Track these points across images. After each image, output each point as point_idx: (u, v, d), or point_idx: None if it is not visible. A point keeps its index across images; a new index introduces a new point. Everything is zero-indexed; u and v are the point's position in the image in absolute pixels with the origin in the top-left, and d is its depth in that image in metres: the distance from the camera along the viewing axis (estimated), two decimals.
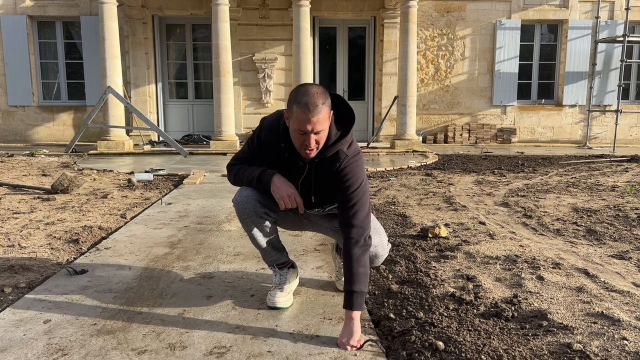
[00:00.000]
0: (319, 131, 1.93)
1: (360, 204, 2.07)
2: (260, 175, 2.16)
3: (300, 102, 1.89)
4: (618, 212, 4.34)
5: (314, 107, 1.87)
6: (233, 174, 2.28)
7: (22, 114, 11.28)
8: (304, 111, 1.88)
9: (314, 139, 1.94)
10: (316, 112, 1.88)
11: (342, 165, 2.06)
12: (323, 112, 1.90)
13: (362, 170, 2.11)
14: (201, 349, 1.93)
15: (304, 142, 1.95)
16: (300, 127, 1.91)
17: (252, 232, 2.28)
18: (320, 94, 1.91)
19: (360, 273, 2.01)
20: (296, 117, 1.91)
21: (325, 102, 1.91)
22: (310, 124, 1.89)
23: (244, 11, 10.97)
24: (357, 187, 2.07)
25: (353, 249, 2.02)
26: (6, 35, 10.93)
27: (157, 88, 11.28)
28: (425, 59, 11.32)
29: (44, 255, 3.12)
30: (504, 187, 5.76)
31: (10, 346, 1.94)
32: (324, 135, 1.98)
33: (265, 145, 2.16)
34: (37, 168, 7.28)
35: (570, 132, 11.74)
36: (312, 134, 1.92)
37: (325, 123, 1.93)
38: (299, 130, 1.92)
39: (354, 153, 2.09)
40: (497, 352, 1.86)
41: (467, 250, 3.21)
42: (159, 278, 2.71)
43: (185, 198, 5.05)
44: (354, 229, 2.04)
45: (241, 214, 2.24)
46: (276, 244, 2.38)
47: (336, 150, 2.05)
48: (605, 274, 2.78)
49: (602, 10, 11.24)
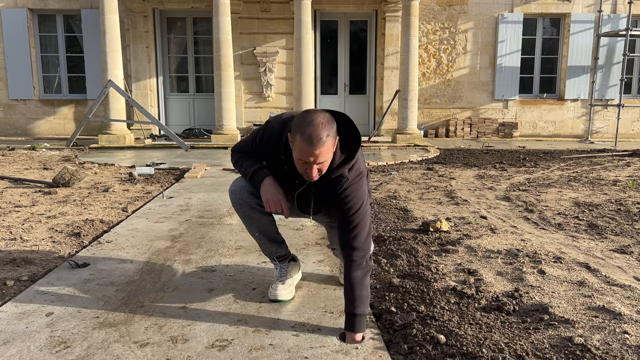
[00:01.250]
0: (321, 162, 1.89)
1: (361, 225, 2.04)
2: (254, 173, 2.17)
3: (304, 134, 1.82)
4: (620, 207, 4.34)
5: (318, 140, 1.82)
6: (235, 159, 2.32)
7: (23, 108, 11.27)
8: (307, 144, 1.82)
9: (316, 168, 1.90)
10: (320, 145, 1.83)
11: (343, 188, 2.03)
12: (327, 144, 1.85)
13: (363, 192, 2.08)
14: (203, 341, 1.93)
15: (306, 171, 1.92)
16: (302, 157, 1.87)
17: (246, 223, 2.31)
18: (325, 125, 1.84)
19: (363, 296, 2.00)
20: (299, 148, 1.86)
21: (329, 134, 1.86)
22: (313, 157, 1.85)
23: (245, 4, 10.92)
24: (358, 208, 2.04)
25: (355, 272, 2.01)
26: (7, 29, 10.90)
27: (158, 82, 11.25)
28: (427, 52, 11.28)
29: (45, 248, 3.13)
30: (506, 182, 5.76)
31: (13, 339, 1.95)
32: (327, 164, 1.94)
33: (266, 149, 2.14)
34: (38, 162, 7.29)
35: (572, 127, 11.71)
36: (315, 164, 1.89)
37: (328, 154, 1.89)
38: (301, 161, 1.89)
39: (355, 174, 2.05)
40: (499, 345, 1.86)
41: (468, 244, 3.21)
42: (161, 271, 2.72)
43: (186, 192, 5.05)
44: (356, 251, 2.01)
45: (234, 204, 2.27)
46: (272, 235, 2.36)
47: (338, 174, 2.01)
48: (606, 268, 2.78)
49: (604, 3, 11.18)
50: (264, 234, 2.33)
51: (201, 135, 10.71)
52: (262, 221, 2.29)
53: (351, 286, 2.00)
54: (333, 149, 1.92)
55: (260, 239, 2.35)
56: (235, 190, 2.26)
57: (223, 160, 7.57)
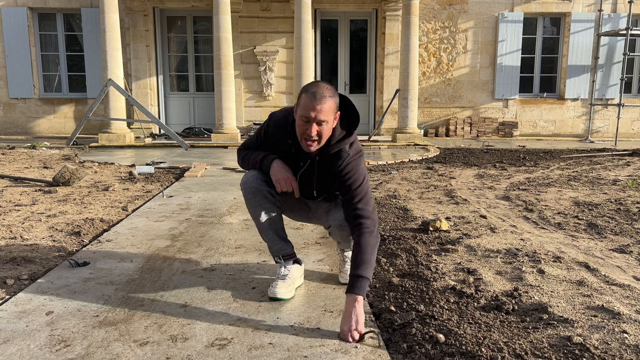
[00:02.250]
0: (321, 121, 2.00)
1: (366, 198, 2.15)
2: (263, 159, 2.26)
3: (309, 92, 2.01)
4: (619, 206, 4.34)
5: (321, 96, 1.98)
6: (241, 157, 2.40)
7: (23, 107, 11.27)
8: (311, 99, 1.99)
9: (315, 129, 2.01)
10: (322, 102, 1.98)
11: (344, 164, 2.15)
12: (328, 103, 2.00)
13: (364, 169, 2.20)
14: (203, 340, 1.94)
15: (306, 131, 2.03)
16: (304, 113, 2.00)
17: (257, 214, 2.33)
18: (329, 89, 2.02)
19: (372, 261, 2.07)
20: (303, 104, 2.01)
21: (332, 97, 2.01)
22: (315, 112, 1.98)
23: (245, 3, 10.92)
24: (361, 183, 2.16)
25: (368, 238, 2.08)
26: (7, 27, 10.90)
27: (158, 81, 11.26)
28: (427, 52, 11.27)
29: (45, 247, 3.13)
30: (505, 181, 5.76)
31: (13, 337, 1.95)
32: (326, 129, 2.05)
33: (272, 139, 2.26)
34: (38, 160, 7.29)
35: (572, 126, 11.71)
36: (315, 123, 2.00)
37: (329, 115, 2.02)
38: (303, 117, 2.01)
39: (355, 152, 2.19)
40: (498, 344, 1.86)
41: (468, 244, 3.21)
42: (161, 270, 2.72)
43: (186, 191, 5.06)
44: (367, 220, 2.11)
45: (247, 194, 2.31)
46: (281, 233, 2.41)
47: (339, 149, 2.13)
48: (605, 267, 2.78)
49: (605, 3, 11.18)
50: (273, 229, 2.36)
51: (201, 134, 10.71)
52: (272, 213, 2.34)
53: (362, 250, 2.06)
54: (333, 115, 2.05)
55: (269, 234, 2.37)
56: (247, 181, 2.31)
57: (223, 159, 7.57)
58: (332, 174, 2.17)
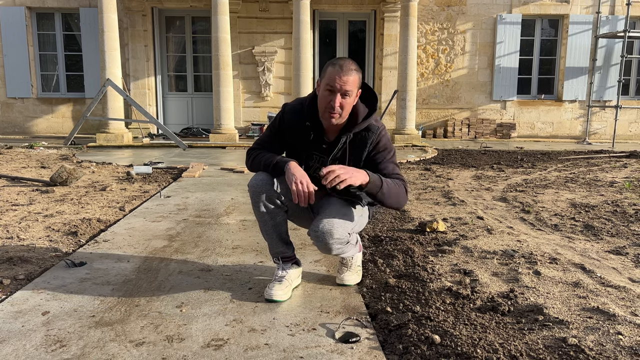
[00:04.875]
0: (345, 92, 2.07)
1: (398, 167, 2.31)
2: (277, 161, 2.24)
3: (335, 64, 2.09)
4: (616, 208, 4.35)
5: (347, 69, 2.07)
6: (251, 159, 2.36)
7: (21, 106, 11.26)
8: (338, 70, 2.06)
9: (339, 101, 2.08)
10: (347, 73, 2.06)
11: (379, 137, 2.24)
12: (353, 75, 2.08)
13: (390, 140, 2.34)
14: (199, 341, 1.94)
15: (330, 102, 2.08)
16: (330, 82, 2.06)
17: (262, 217, 2.31)
18: (354, 63, 2.12)
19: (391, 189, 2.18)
20: (329, 75, 2.08)
21: (357, 71, 2.11)
22: (341, 82, 2.05)
23: (244, 4, 10.93)
24: (393, 153, 2.30)
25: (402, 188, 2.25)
26: (5, 27, 10.89)
27: (156, 81, 11.25)
28: (426, 53, 11.29)
29: (42, 247, 3.13)
30: (503, 182, 5.77)
31: (9, 337, 1.95)
32: (349, 102, 2.12)
33: (289, 126, 2.28)
34: (35, 160, 7.28)
35: (569, 128, 11.74)
36: (339, 94, 2.07)
37: (353, 87, 2.09)
38: (328, 86, 2.08)
39: (382, 125, 2.30)
40: (493, 346, 1.87)
41: (464, 245, 3.22)
42: (157, 271, 2.72)
43: (184, 191, 5.06)
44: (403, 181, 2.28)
45: (254, 197, 2.28)
46: (284, 236, 2.40)
47: (368, 125, 2.21)
48: (601, 269, 2.79)
49: (603, 5, 11.21)
50: (277, 232, 2.35)
51: (199, 134, 10.71)
52: (278, 217, 2.32)
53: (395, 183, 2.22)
54: (357, 89, 2.13)
55: (272, 238, 2.36)
56: (256, 184, 2.27)
57: (221, 160, 7.57)
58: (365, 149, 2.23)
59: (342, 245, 2.25)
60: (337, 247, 2.25)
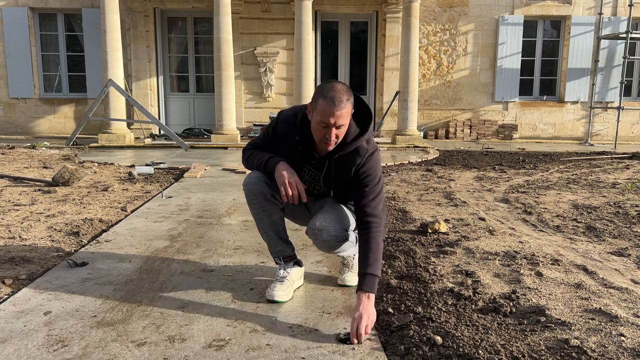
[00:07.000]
0: (340, 125, 2.03)
1: (379, 197, 2.18)
2: (269, 159, 2.25)
3: (327, 97, 1.99)
4: (618, 209, 4.34)
5: (339, 102, 1.98)
6: (246, 157, 2.38)
7: (24, 106, 11.28)
8: (330, 105, 1.98)
9: (334, 133, 2.04)
10: (340, 107, 1.98)
11: (364, 161, 2.16)
12: (346, 107, 2.01)
13: (380, 165, 2.22)
14: (200, 341, 1.94)
15: (325, 136, 2.05)
16: (323, 119, 2.01)
17: (258, 215, 2.33)
18: (345, 91, 2.02)
19: (380, 260, 2.10)
20: (321, 110, 2.01)
21: (349, 99, 2.02)
22: (334, 118, 1.99)
23: (246, 4, 10.93)
24: (377, 181, 2.18)
25: (377, 238, 2.11)
26: (7, 27, 10.91)
27: (158, 81, 11.26)
28: (427, 54, 11.29)
29: (44, 247, 3.13)
30: (505, 184, 5.76)
31: (11, 337, 1.95)
32: (344, 130, 2.08)
33: (280, 137, 2.25)
34: (38, 160, 7.29)
35: (571, 129, 11.72)
36: (334, 128, 2.02)
37: (347, 118, 2.04)
38: (322, 123, 2.02)
39: (372, 149, 2.19)
40: (495, 347, 1.87)
41: (466, 246, 3.21)
42: (159, 271, 2.72)
43: (185, 191, 5.06)
44: (376, 219, 2.13)
45: (249, 195, 2.30)
46: (282, 234, 2.41)
47: (356, 147, 2.14)
48: (604, 270, 2.79)
49: (605, 6, 11.19)
50: (275, 229, 2.37)
51: (201, 135, 10.71)
52: (275, 215, 2.34)
53: (372, 251, 2.08)
54: (350, 116, 2.07)
55: (270, 236, 2.38)
56: (250, 182, 2.29)
57: (223, 160, 7.58)
58: (350, 172, 2.17)
59: (339, 242, 2.27)
60: (335, 245, 2.26)
